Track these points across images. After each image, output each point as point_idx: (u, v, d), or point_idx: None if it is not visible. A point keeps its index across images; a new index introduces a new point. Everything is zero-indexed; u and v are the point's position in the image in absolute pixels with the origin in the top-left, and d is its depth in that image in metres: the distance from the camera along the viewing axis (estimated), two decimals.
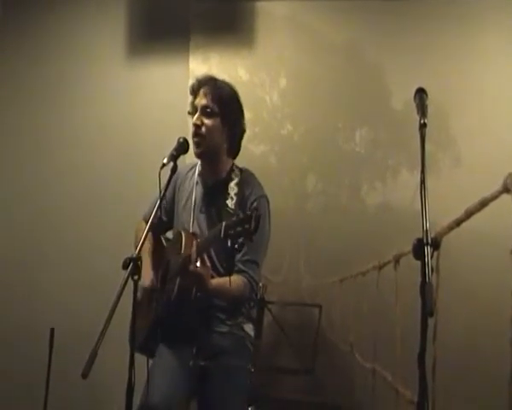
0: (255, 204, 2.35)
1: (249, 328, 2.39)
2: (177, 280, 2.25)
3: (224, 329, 2.36)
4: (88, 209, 3.46)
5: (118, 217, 3.33)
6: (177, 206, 2.54)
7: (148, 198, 2.51)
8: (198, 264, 2.18)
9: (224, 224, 2.05)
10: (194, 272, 2.18)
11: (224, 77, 2.59)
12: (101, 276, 3.19)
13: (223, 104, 2.40)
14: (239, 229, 1.99)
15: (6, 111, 3.68)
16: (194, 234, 2.37)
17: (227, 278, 2.24)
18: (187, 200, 2.50)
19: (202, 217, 2.44)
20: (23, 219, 3.56)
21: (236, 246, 2.04)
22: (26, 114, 3.64)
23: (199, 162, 2.53)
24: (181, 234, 2.36)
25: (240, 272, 2.33)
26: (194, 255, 2.18)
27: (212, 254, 2.34)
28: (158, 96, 3.45)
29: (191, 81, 2.52)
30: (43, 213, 3.53)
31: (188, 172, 2.55)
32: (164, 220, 2.55)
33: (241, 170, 2.49)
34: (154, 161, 2.18)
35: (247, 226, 1.98)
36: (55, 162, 3.56)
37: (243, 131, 2.51)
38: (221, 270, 2.36)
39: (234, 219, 2.04)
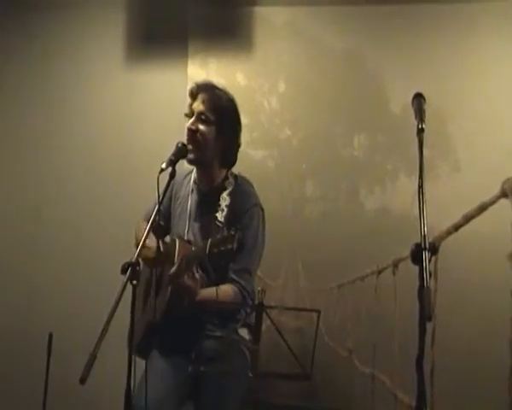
0: (248, 214, 2.36)
1: (244, 332, 2.38)
2: (169, 289, 2.26)
3: (218, 333, 2.35)
4: (86, 213, 3.46)
5: (116, 221, 3.33)
6: (173, 213, 2.54)
7: (146, 202, 2.51)
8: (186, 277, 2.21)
9: (209, 241, 2.10)
10: (182, 285, 2.21)
11: (222, 82, 2.59)
12: (99, 280, 3.19)
13: (219, 114, 2.39)
14: (222, 248, 2.05)
15: (6, 112, 3.68)
16: (189, 242, 2.38)
17: (215, 289, 2.28)
18: (182, 207, 2.50)
19: (196, 226, 2.43)
20: (22, 223, 3.55)
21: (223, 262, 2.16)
22: (25, 116, 3.64)
23: (194, 169, 2.53)
24: (175, 242, 2.36)
25: (232, 281, 2.33)
26: (182, 268, 2.19)
27: (206, 262, 2.34)
28: (156, 101, 3.45)
29: (191, 84, 2.51)
30: (41, 217, 3.52)
31: (184, 178, 2.53)
32: (161, 225, 2.53)
33: (236, 177, 2.46)
34: (153, 166, 2.18)
35: (229, 247, 2.03)
36: (54, 165, 3.56)
37: (238, 145, 2.48)
38: (215, 279, 2.35)
39: (218, 236, 2.09)
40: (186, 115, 2.46)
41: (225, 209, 2.36)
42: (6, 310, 3.44)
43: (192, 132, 2.38)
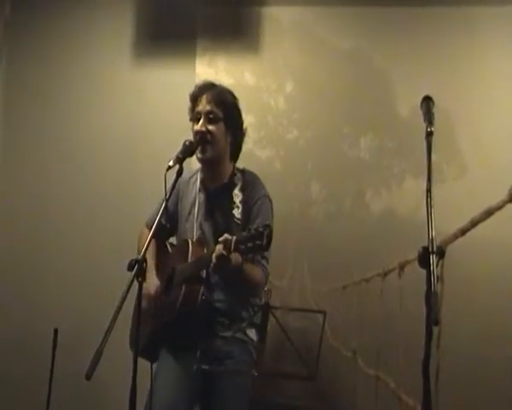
0: (259, 203, 2.39)
1: (252, 333, 2.39)
2: (183, 288, 2.26)
3: (227, 334, 2.35)
4: (92, 209, 3.46)
5: (122, 217, 3.34)
6: (180, 214, 2.54)
7: (152, 199, 2.52)
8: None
9: (234, 239, 2.07)
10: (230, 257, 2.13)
11: (230, 81, 2.60)
12: (105, 276, 3.19)
13: (226, 109, 2.44)
14: (250, 245, 2.02)
15: (12, 111, 3.69)
16: (201, 243, 2.38)
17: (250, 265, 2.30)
18: (190, 208, 2.50)
19: (207, 225, 2.44)
20: (27, 218, 3.56)
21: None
22: (32, 114, 3.65)
23: (199, 168, 2.54)
24: (188, 242, 2.36)
25: (259, 264, 2.36)
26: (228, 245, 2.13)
27: None
28: (164, 99, 3.45)
29: (191, 89, 2.53)
30: (47, 213, 3.54)
31: (189, 179, 2.54)
32: (166, 226, 2.53)
33: (243, 172, 2.50)
34: (160, 164, 2.19)
35: (258, 243, 2.00)
36: (60, 162, 3.57)
37: (244, 135, 2.54)
38: None
39: (245, 234, 2.06)
40: (191, 120, 2.48)
41: (240, 205, 2.39)
42: (11, 306, 3.45)
43: (203, 134, 2.39)
